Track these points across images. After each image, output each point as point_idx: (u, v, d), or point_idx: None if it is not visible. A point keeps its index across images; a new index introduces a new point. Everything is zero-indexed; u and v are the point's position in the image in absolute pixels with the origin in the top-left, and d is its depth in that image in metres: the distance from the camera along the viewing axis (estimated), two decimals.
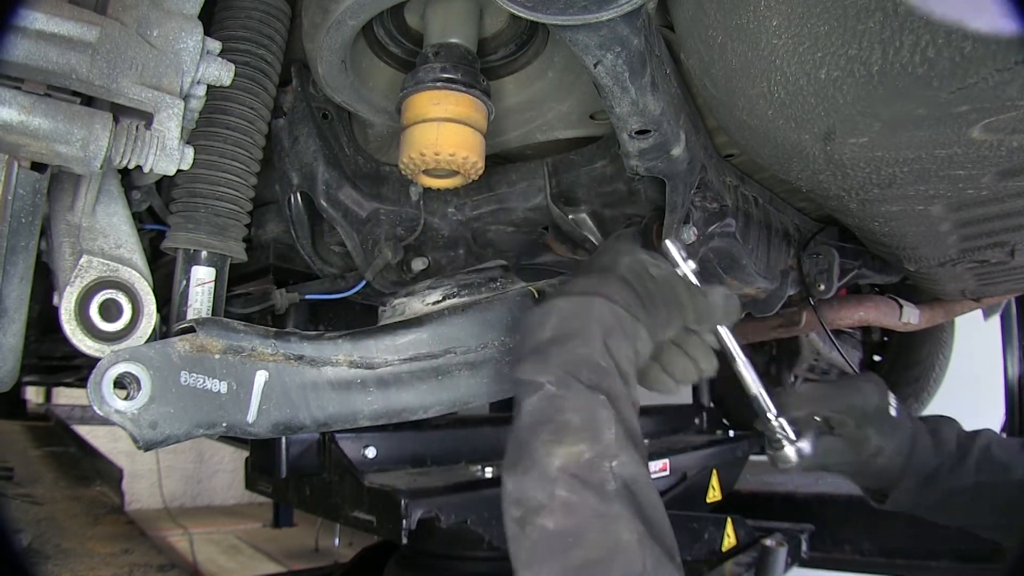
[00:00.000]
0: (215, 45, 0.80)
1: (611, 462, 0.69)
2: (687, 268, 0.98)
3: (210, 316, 0.94)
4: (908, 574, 2.36)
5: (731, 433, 2.75)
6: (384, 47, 1.10)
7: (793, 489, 2.74)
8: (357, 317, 1.54)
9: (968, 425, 1.24)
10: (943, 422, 1.22)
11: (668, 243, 1.00)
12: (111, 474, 3.06)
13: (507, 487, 0.72)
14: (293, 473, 1.55)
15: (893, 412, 1.13)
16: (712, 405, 3.02)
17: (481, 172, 1.02)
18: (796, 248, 1.67)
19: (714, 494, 2.41)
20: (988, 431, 1.19)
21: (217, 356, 0.82)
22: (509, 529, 0.71)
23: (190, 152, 0.78)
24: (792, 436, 1.07)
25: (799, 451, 1.07)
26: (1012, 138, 0.88)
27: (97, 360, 0.78)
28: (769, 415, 1.07)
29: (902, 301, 2.21)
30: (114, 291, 0.82)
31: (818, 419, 1.12)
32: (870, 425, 1.11)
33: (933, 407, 2.97)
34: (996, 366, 2.84)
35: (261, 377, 0.84)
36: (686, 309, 0.91)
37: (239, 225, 0.99)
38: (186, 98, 0.77)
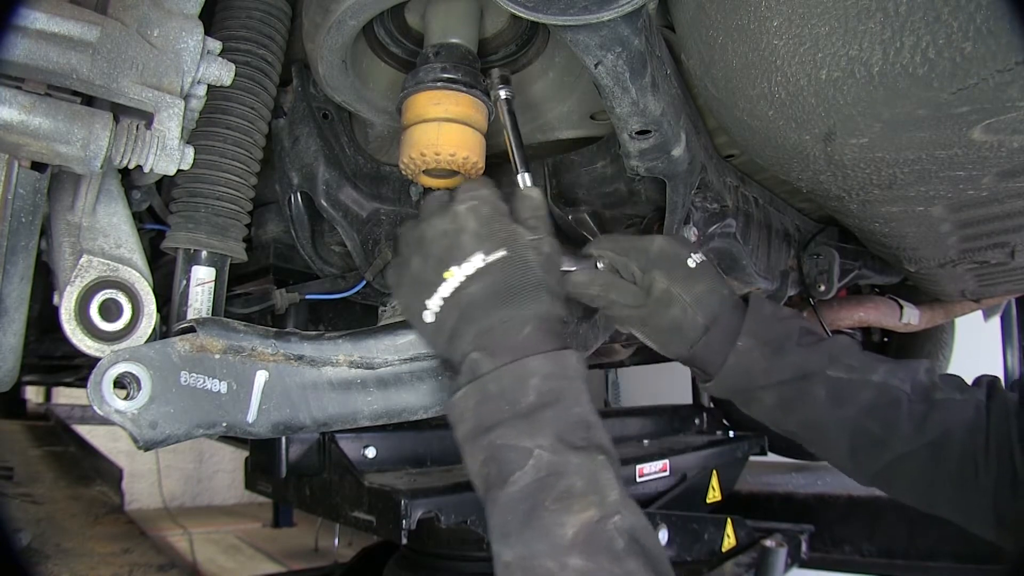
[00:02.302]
0: (216, 45, 0.80)
1: (614, 519, 0.68)
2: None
3: (210, 316, 0.94)
4: (907, 575, 2.36)
5: (731, 434, 2.74)
6: (384, 47, 1.10)
7: (793, 490, 2.74)
8: (357, 317, 1.54)
9: None
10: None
11: (494, 71, 1.00)
12: (111, 474, 3.06)
13: (505, 557, 0.69)
14: (293, 473, 1.55)
15: (691, 264, 0.98)
16: (712, 406, 3.02)
17: (481, 172, 1.01)
18: (796, 249, 1.67)
19: (714, 495, 2.41)
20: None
21: (217, 356, 0.82)
22: None
23: (190, 152, 0.78)
24: None
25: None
26: (1012, 139, 0.88)
27: (97, 360, 0.78)
28: None
29: (902, 302, 2.21)
30: (114, 291, 0.82)
31: (602, 264, 1.01)
32: (657, 269, 0.97)
33: None
34: (996, 366, 2.84)
35: (261, 377, 0.84)
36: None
37: (239, 225, 0.99)
38: (186, 98, 0.77)
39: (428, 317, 0.83)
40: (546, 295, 0.81)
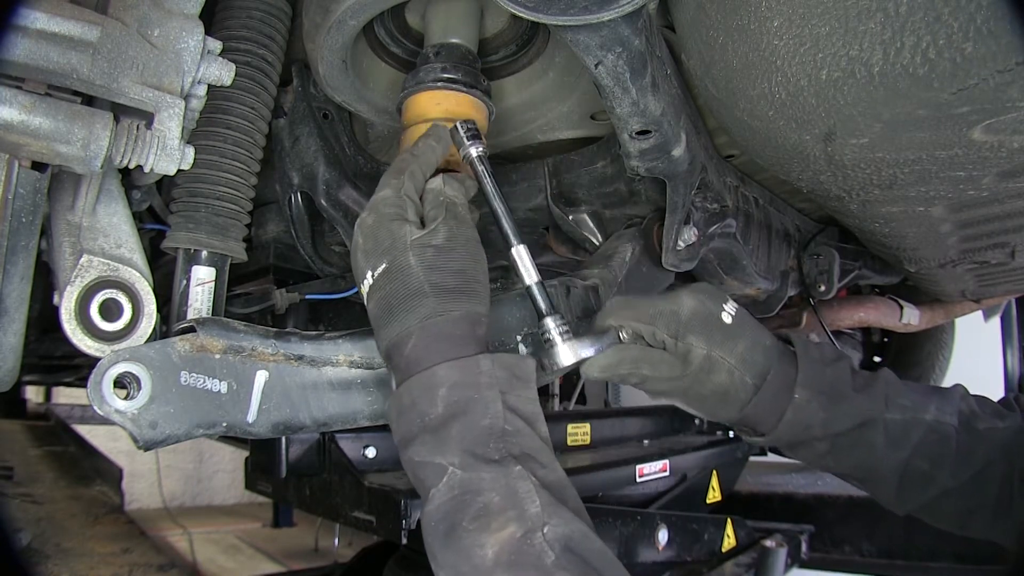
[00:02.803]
0: (216, 45, 0.80)
1: (542, 531, 0.64)
2: (520, 253, 0.86)
3: (210, 316, 0.94)
4: (907, 575, 2.36)
5: (731, 434, 2.74)
6: (385, 47, 1.10)
7: (793, 490, 2.74)
8: (357, 317, 1.54)
9: None
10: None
11: (457, 125, 0.88)
12: (111, 474, 3.06)
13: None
14: (293, 473, 1.55)
15: (727, 319, 0.89)
16: None
17: None
18: (796, 249, 1.67)
19: (714, 495, 2.41)
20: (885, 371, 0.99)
21: (217, 356, 0.82)
22: None
23: (191, 152, 0.78)
24: (562, 333, 0.84)
25: (577, 352, 0.84)
26: (1013, 139, 0.88)
27: (97, 360, 0.78)
28: (542, 310, 0.85)
29: (902, 302, 2.21)
30: (114, 291, 0.82)
31: (625, 335, 0.89)
32: (692, 333, 0.87)
33: None
34: (996, 366, 2.84)
35: (261, 377, 0.84)
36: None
37: (239, 225, 0.99)
38: (187, 98, 0.77)
39: None
40: (428, 299, 0.74)
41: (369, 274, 0.78)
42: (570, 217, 1.21)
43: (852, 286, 2.06)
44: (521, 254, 0.85)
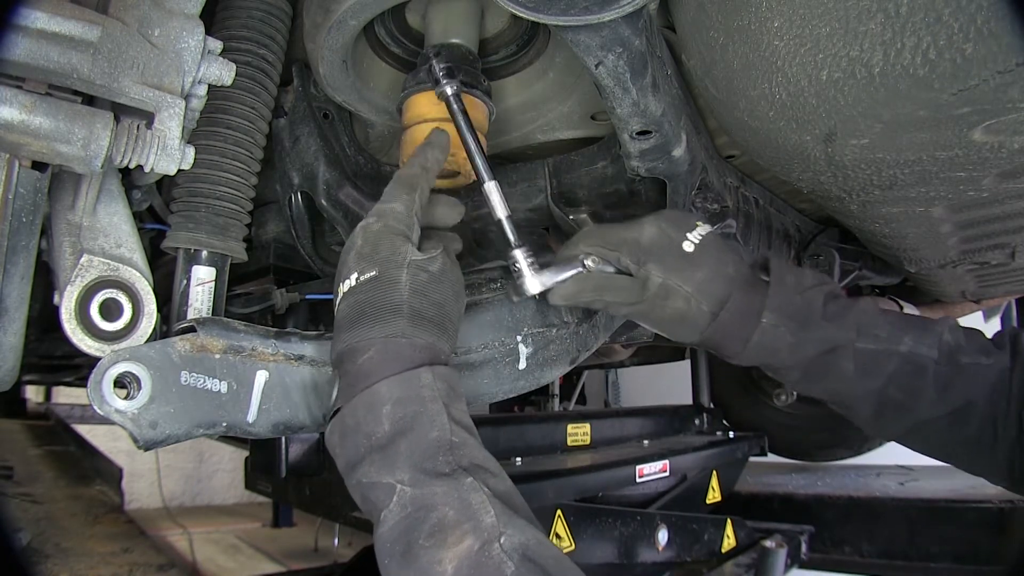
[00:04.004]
0: (216, 45, 0.80)
1: (499, 541, 0.63)
2: (450, 89, 0.90)
3: (210, 316, 0.94)
4: (907, 575, 2.36)
5: (731, 434, 2.75)
6: (385, 47, 1.10)
7: (793, 490, 2.74)
8: None
9: None
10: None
11: (433, 62, 0.90)
12: (111, 473, 3.06)
13: None
14: (293, 473, 1.55)
15: (688, 247, 0.91)
16: (712, 406, 3.03)
17: None
18: (797, 249, 1.67)
19: (714, 495, 2.42)
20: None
21: (217, 356, 0.82)
22: None
23: (191, 152, 0.78)
24: (530, 264, 0.91)
25: (543, 281, 0.91)
26: (1013, 140, 0.88)
27: (97, 359, 0.78)
28: (512, 242, 0.91)
29: (902, 302, 2.21)
30: (114, 290, 0.82)
31: (591, 262, 0.93)
32: (651, 261, 0.91)
33: None
34: None
35: (261, 377, 0.84)
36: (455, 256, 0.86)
37: (240, 225, 0.99)
38: (187, 98, 0.77)
39: None
40: (401, 319, 0.75)
41: (355, 276, 0.78)
42: (570, 217, 1.21)
43: (852, 286, 2.06)
44: (492, 190, 0.90)
